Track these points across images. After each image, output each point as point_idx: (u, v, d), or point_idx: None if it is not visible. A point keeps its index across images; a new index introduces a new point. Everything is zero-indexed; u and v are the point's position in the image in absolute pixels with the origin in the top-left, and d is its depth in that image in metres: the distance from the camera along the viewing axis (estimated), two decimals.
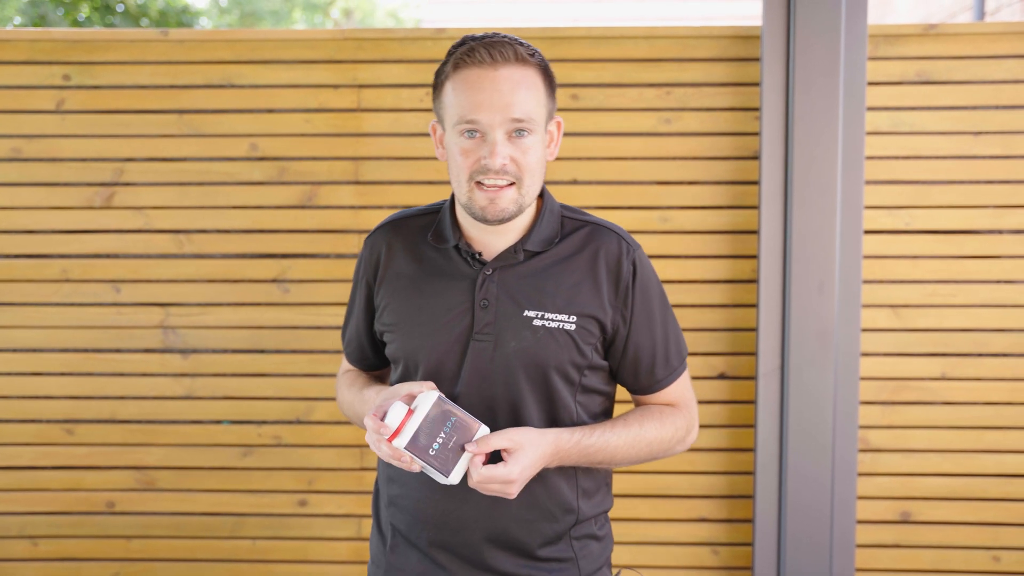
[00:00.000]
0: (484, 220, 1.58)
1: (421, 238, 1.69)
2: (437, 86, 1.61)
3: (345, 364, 1.88)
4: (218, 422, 2.97)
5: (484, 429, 1.51)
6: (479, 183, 1.55)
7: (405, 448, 1.47)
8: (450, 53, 1.58)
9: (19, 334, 2.97)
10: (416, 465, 1.49)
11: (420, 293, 1.65)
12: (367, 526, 3.00)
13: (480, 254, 1.63)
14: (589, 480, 1.69)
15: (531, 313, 1.60)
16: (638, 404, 1.75)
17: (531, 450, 1.52)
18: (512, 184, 1.56)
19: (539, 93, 1.57)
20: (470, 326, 1.61)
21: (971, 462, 2.90)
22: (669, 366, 1.70)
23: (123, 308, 2.96)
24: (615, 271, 1.64)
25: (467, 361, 1.61)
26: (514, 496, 1.53)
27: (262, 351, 2.96)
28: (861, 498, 2.90)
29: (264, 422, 2.97)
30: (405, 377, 1.68)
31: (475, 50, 1.54)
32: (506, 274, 1.62)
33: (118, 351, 2.97)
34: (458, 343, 1.61)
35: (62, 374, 2.98)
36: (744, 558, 2.96)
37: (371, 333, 1.77)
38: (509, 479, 1.50)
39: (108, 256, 2.96)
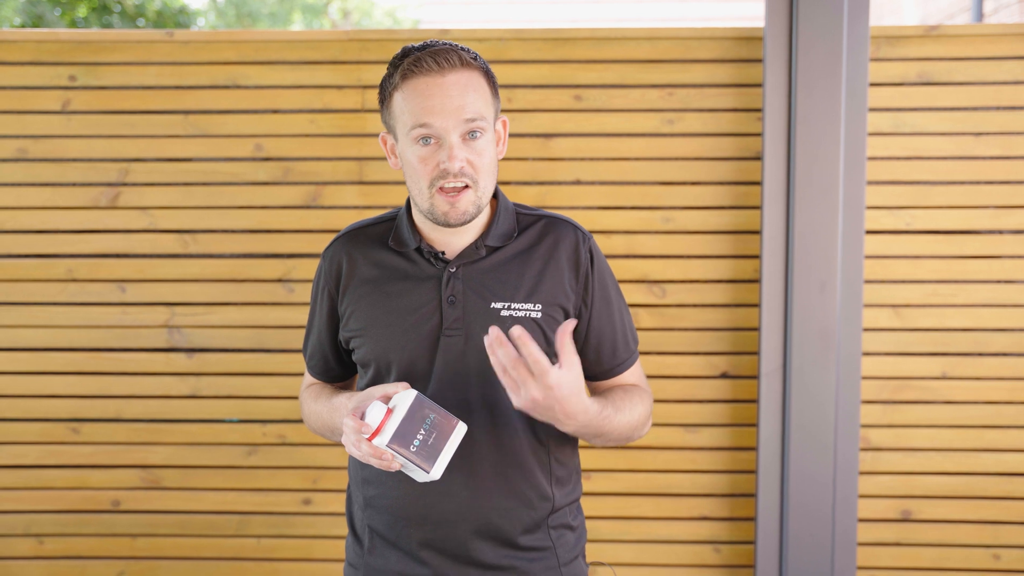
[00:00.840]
0: (447, 224, 1.63)
1: (380, 245, 1.73)
2: (384, 98, 1.65)
3: (308, 379, 1.90)
4: (223, 420, 2.98)
5: (462, 426, 1.53)
6: (440, 188, 1.60)
7: (387, 446, 1.48)
8: (394, 64, 1.63)
9: (25, 333, 2.98)
10: (396, 463, 1.50)
11: (386, 296, 1.68)
12: None
13: (443, 253, 1.68)
14: (561, 468, 1.74)
15: (498, 305, 1.65)
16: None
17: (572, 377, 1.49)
18: (467, 187, 1.60)
19: (486, 94, 1.64)
20: (439, 323, 1.65)
21: (971, 461, 2.92)
22: (628, 348, 1.77)
23: (128, 308, 2.97)
24: (574, 259, 1.70)
25: (439, 358, 1.65)
26: (568, 420, 1.50)
27: (267, 350, 2.97)
28: (862, 496, 2.91)
29: (269, 421, 2.99)
30: (376, 380, 1.71)
31: (421, 59, 1.59)
32: (470, 270, 1.67)
33: (123, 350, 2.98)
34: (428, 341, 1.65)
35: (68, 373, 2.99)
36: (746, 556, 2.98)
37: (335, 344, 1.80)
38: (559, 383, 1.46)
39: (113, 256, 2.97)
